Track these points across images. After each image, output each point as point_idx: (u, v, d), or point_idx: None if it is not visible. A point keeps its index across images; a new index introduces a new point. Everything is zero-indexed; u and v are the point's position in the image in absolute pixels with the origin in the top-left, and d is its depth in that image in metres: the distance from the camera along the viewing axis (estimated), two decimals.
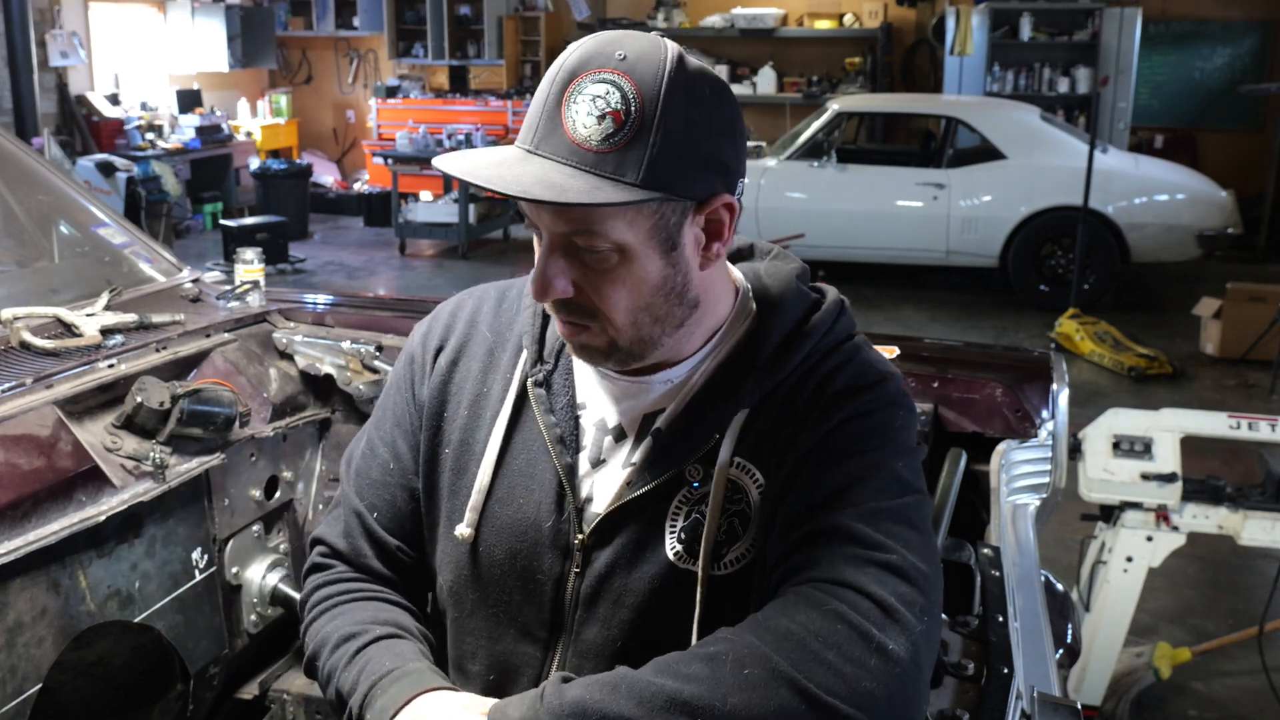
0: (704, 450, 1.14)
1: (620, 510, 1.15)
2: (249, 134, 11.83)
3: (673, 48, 1.06)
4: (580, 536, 1.17)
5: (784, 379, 1.15)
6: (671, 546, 1.14)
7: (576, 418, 1.21)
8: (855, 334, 1.21)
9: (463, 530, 1.21)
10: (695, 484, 1.14)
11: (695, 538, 1.13)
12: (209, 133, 11.05)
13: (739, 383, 1.15)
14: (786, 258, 1.25)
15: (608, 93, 1.02)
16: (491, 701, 1.08)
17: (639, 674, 0.99)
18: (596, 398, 1.22)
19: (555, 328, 1.24)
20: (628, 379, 1.20)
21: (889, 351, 2.14)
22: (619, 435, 1.19)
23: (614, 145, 1.02)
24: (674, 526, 1.14)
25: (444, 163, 1.07)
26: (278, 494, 2.10)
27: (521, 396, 1.23)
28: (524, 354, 1.24)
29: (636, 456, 1.17)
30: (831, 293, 1.23)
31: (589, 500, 1.19)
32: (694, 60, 1.07)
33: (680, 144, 1.04)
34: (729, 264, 1.22)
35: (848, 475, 1.09)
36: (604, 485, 1.18)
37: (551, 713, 0.97)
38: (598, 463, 1.19)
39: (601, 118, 1.02)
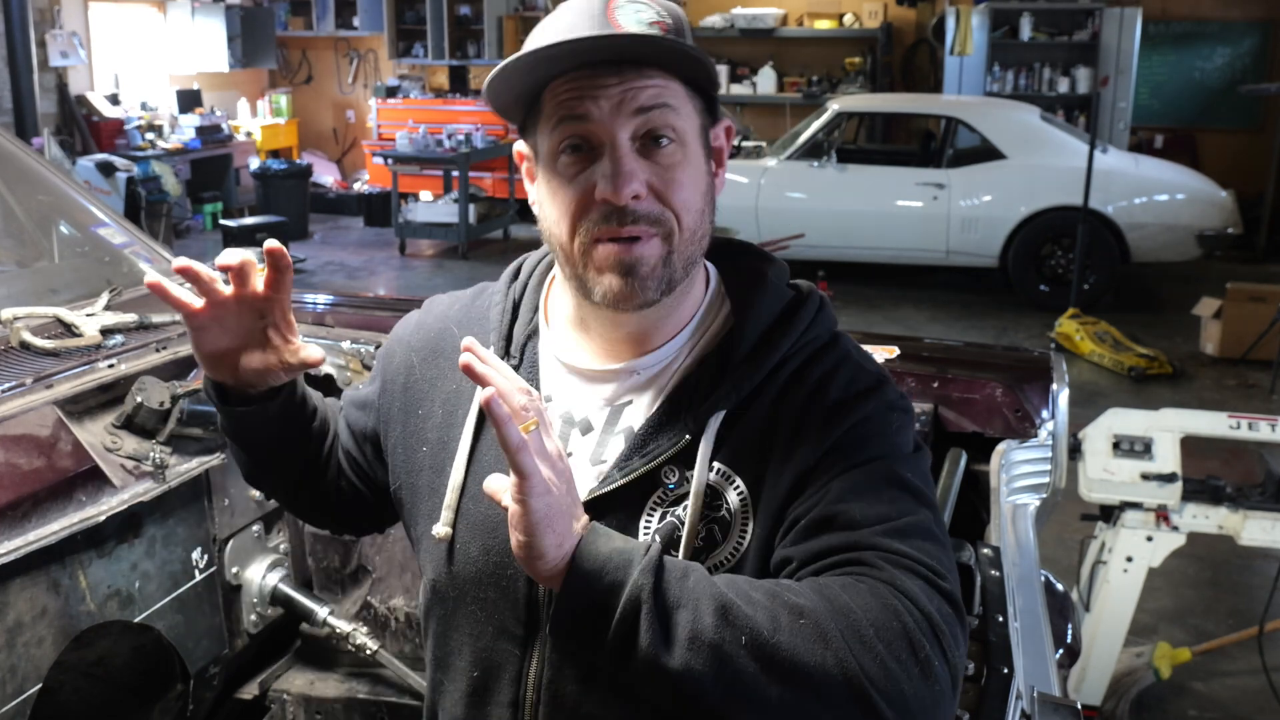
0: (677, 450, 1.12)
1: (589, 506, 1.13)
2: (249, 134, 11.84)
3: None
4: None
5: (764, 380, 1.13)
6: None
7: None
8: (836, 332, 1.20)
9: (439, 529, 1.21)
10: (671, 485, 1.12)
11: (670, 541, 1.11)
12: (209, 133, 11.06)
13: (716, 383, 1.14)
14: (763, 255, 1.23)
15: (645, 8, 1.09)
16: None
17: (710, 577, 1.00)
18: (562, 391, 1.21)
19: (522, 322, 1.25)
20: (593, 368, 1.18)
21: (889, 351, 2.14)
22: (585, 428, 1.18)
23: (663, 30, 1.08)
24: (647, 527, 1.13)
25: (531, 46, 1.08)
26: None
27: None
28: (491, 350, 1.23)
29: (606, 452, 1.16)
30: (810, 288, 1.21)
31: None
32: None
33: (705, 59, 1.09)
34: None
35: (865, 489, 1.07)
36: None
37: (645, 569, 0.98)
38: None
39: (649, 25, 1.08)
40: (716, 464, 1.12)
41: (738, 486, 1.12)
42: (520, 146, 1.18)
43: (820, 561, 1.04)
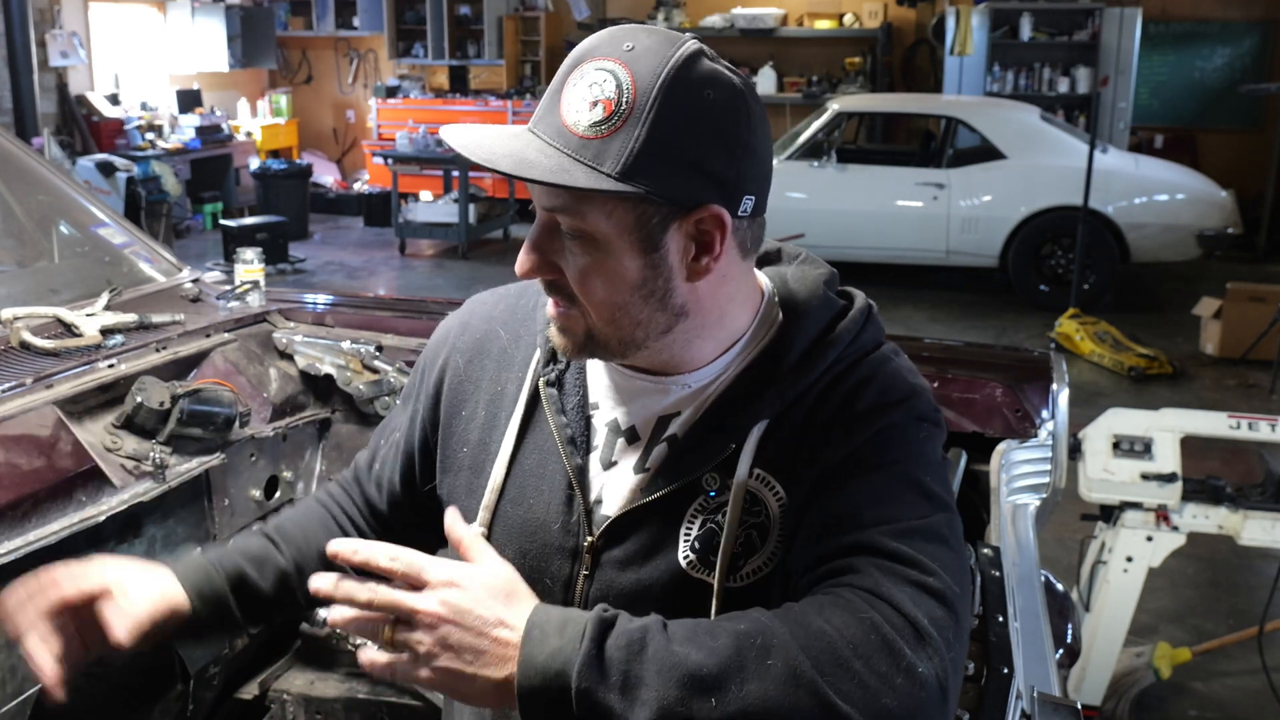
0: (721, 459, 1.12)
1: (631, 515, 1.14)
2: (249, 134, 11.83)
3: (689, 48, 1.04)
4: (589, 539, 1.16)
5: (807, 389, 1.13)
6: (684, 554, 1.12)
7: (588, 418, 1.20)
8: (883, 342, 1.19)
9: (476, 530, 1.20)
10: (712, 493, 1.12)
11: (710, 547, 1.11)
12: (209, 133, 11.05)
13: (761, 391, 1.13)
14: (815, 262, 1.22)
15: (604, 80, 1.02)
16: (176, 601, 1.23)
17: (668, 637, 0.97)
18: (610, 398, 1.20)
19: None
20: (644, 379, 1.18)
21: None
22: (632, 437, 1.18)
23: (600, 133, 1.02)
24: (688, 535, 1.12)
25: (448, 132, 1.08)
26: (278, 494, 2.10)
27: (535, 396, 1.22)
28: (537, 353, 1.24)
29: (650, 461, 1.15)
30: (860, 299, 1.20)
31: (599, 502, 1.17)
32: (713, 65, 1.05)
33: (666, 144, 1.02)
34: (755, 270, 1.19)
35: (875, 488, 1.07)
36: (615, 488, 1.17)
37: (586, 660, 0.95)
38: (609, 465, 1.18)
39: (594, 104, 1.02)
40: (757, 470, 1.11)
41: (777, 492, 1.11)
42: None
43: (821, 567, 1.04)
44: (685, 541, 1.12)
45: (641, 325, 1.10)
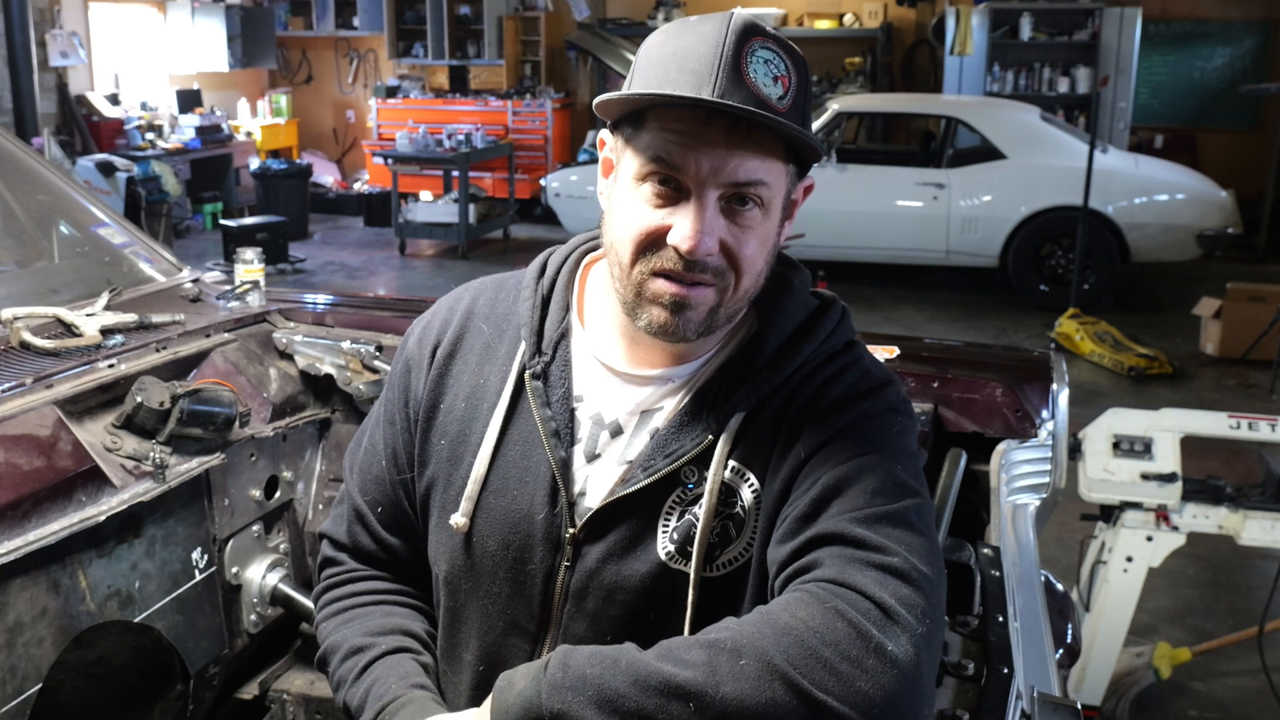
0: (699, 451, 1.15)
1: (612, 506, 1.16)
2: (249, 134, 11.83)
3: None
4: (571, 530, 1.18)
5: (782, 383, 1.16)
6: (664, 546, 1.15)
7: (572, 410, 1.21)
8: (855, 341, 1.22)
9: (457, 519, 1.22)
10: (690, 485, 1.15)
11: (688, 538, 1.14)
12: (209, 133, 11.05)
13: (737, 385, 1.16)
14: (789, 263, 1.25)
15: (774, 59, 1.09)
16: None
17: (641, 654, 1.00)
18: (594, 391, 1.22)
19: (553, 320, 1.25)
20: (628, 373, 1.20)
21: (889, 351, 2.14)
22: (615, 430, 1.20)
23: (785, 106, 1.08)
24: (666, 526, 1.15)
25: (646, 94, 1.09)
26: (278, 494, 2.10)
27: (519, 388, 1.23)
28: (522, 345, 1.25)
29: (632, 454, 1.18)
30: (833, 299, 1.24)
31: (582, 494, 1.19)
32: None
33: (808, 116, 1.12)
34: None
35: (846, 480, 1.09)
36: (598, 480, 1.19)
37: (552, 685, 0.98)
38: (592, 457, 1.20)
39: (776, 80, 1.08)
40: (732, 462, 1.15)
41: (751, 483, 1.14)
42: (605, 135, 1.19)
43: (791, 565, 1.07)
44: (664, 534, 1.15)
45: (749, 297, 1.16)
